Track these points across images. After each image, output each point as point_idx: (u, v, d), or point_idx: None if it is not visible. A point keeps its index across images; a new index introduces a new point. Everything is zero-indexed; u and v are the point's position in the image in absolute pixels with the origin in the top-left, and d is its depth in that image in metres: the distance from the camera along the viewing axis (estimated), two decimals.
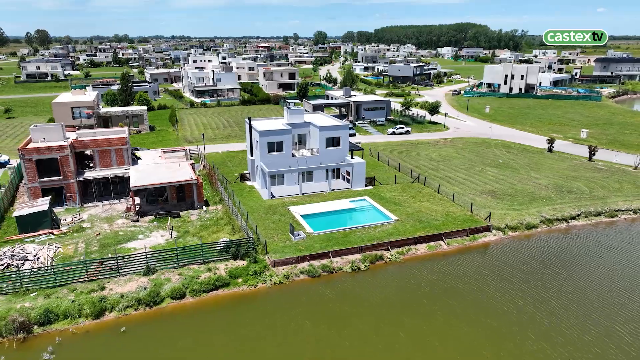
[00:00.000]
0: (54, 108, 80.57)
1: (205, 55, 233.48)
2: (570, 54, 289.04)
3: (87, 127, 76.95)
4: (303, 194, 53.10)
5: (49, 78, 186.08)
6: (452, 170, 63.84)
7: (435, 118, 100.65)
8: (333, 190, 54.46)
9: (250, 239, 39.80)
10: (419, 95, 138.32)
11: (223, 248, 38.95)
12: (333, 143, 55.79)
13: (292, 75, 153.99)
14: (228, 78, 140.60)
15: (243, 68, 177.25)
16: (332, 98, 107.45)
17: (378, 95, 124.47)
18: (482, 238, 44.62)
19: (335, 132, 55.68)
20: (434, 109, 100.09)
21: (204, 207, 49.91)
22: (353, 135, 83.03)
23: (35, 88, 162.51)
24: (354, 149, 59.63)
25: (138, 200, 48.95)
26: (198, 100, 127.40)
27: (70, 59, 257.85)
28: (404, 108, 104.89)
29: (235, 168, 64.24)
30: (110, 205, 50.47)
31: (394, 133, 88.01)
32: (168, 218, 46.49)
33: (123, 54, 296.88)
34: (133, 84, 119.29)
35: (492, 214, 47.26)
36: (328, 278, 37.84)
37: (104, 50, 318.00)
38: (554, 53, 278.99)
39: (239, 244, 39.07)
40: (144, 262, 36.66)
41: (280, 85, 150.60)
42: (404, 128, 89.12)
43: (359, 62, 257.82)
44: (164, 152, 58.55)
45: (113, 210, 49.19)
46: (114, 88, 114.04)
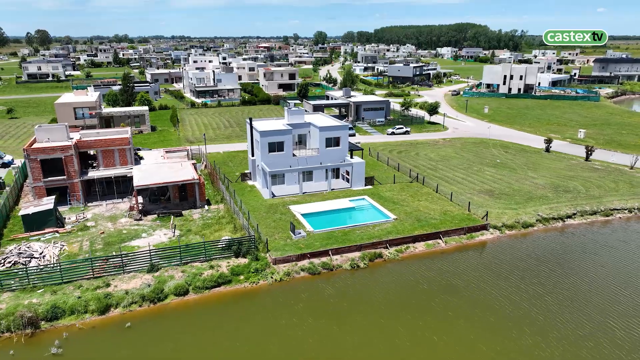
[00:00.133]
0: (57, 108, 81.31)
1: (206, 56, 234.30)
2: (570, 54, 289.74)
3: (89, 127, 77.73)
4: (303, 194, 53.89)
5: (50, 78, 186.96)
6: (450, 170, 64.64)
7: (435, 118, 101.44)
8: (333, 190, 55.26)
9: (252, 237, 40.58)
10: (419, 96, 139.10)
11: (225, 246, 39.73)
12: (333, 143, 56.56)
13: (292, 76, 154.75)
14: (228, 78, 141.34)
15: (243, 68, 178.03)
16: (332, 98, 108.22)
17: (377, 96, 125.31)
18: (479, 236, 45.41)
19: (335, 132, 56.47)
20: (433, 110, 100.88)
21: (206, 206, 50.70)
22: (353, 136, 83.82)
23: (37, 88, 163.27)
24: (354, 149, 60.44)
25: (141, 200, 49.71)
26: (199, 101, 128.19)
27: (71, 59, 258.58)
28: (404, 108, 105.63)
29: (237, 168, 65.04)
30: (114, 205, 51.26)
31: (394, 133, 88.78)
32: (171, 217, 47.29)
33: (124, 54, 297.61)
34: (134, 85, 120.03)
35: (489, 213, 48.05)
36: (328, 275, 38.63)
37: (105, 51, 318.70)
38: (554, 53, 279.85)
39: (241, 242, 39.86)
40: (148, 259, 37.45)
41: (281, 86, 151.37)
42: (403, 128, 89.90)
43: (359, 62, 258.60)
44: (166, 152, 59.36)
45: (116, 209, 49.97)
46: (116, 88, 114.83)
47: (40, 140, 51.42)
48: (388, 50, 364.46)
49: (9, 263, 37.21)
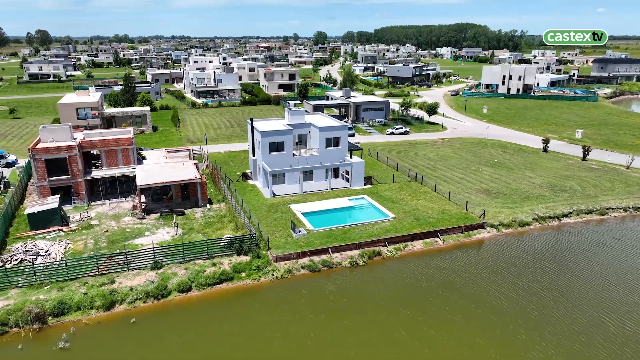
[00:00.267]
0: (60, 109, 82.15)
1: (206, 56, 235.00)
2: (569, 54, 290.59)
3: (92, 127, 78.53)
4: (304, 193, 54.70)
5: (52, 79, 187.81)
6: (448, 170, 65.45)
7: (434, 118, 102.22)
8: (333, 189, 56.06)
9: (253, 236, 41.38)
10: (418, 96, 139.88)
11: (227, 244, 40.54)
12: (333, 143, 57.35)
13: (292, 76, 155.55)
14: (229, 79, 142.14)
15: (244, 69, 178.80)
16: (332, 99, 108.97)
17: (377, 96, 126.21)
18: (476, 235, 46.22)
19: (335, 132, 57.26)
20: (432, 110, 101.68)
21: (208, 205, 51.50)
22: (352, 136, 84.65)
23: (38, 89, 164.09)
24: (353, 149, 61.25)
25: (144, 199, 50.50)
26: (199, 101, 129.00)
27: (72, 60, 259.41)
28: (403, 109, 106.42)
29: (238, 167, 65.85)
30: (117, 204, 52.05)
31: (393, 133, 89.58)
32: (173, 215, 48.10)
33: (124, 55, 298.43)
34: (135, 85, 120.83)
35: (486, 212, 48.84)
36: (328, 273, 39.44)
37: (105, 51, 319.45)
38: (553, 53, 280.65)
39: (242, 240, 40.66)
40: (152, 257, 38.26)
41: (281, 86, 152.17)
42: (403, 128, 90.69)
43: (359, 62, 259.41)
44: (168, 152, 60.12)
45: (119, 208, 50.76)
46: (117, 89, 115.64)
47: (45, 140, 52.23)
48: (388, 51, 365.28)
49: (16, 260, 38.03)
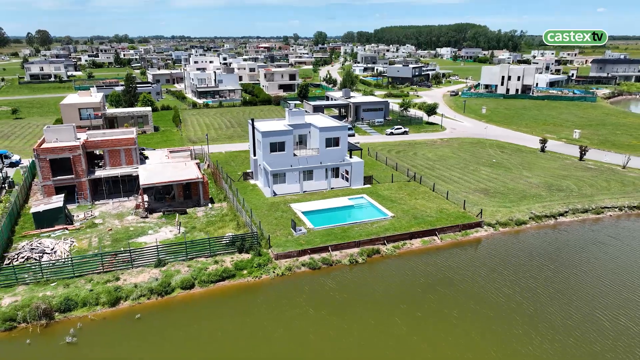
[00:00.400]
0: (62, 109, 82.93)
1: (206, 56, 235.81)
2: (569, 55, 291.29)
3: (94, 127, 79.29)
4: (304, 192, 55.51)
5: (53, 79, 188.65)
6: (447, 170, 66.26)
7: (433, 119, 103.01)
8: (332, 189, 56.87)
9: (254, 234, 42.19)
10: (417, 96, 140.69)
11: (229, 242, 41.36)
12: (333, 143, 58.16)
13: (292, 76, 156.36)
14: (229, 79, 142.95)
15: (244, 69, 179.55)
16: (331, 99, 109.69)
17: (377, 97, 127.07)
18: (473, 233, 47.02)
19: (335, 132, 58.06)
20: (432, 110, 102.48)
21: (210, 204, 52.31)
22: (352, 136, 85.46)
23: (40, 89, 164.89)
24: (353, 149, 62.05)
25: (147, 198, 51.31)
26: (200, 101, 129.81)
27: (73, 60, 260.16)
28: (402, 109, 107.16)
29: (239, 167, 66.64)
30: (120, 203, 52.85)
31: (392, 133, 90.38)
32: (176, 215, 48.91)
33: (124, 55, 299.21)
34: (137, 85, 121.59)
35: (483, 211, 49.66)
36: (328, 270, 40.25)
37: (106, 51, 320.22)
38: (552, 54, 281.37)
39: (244, 239, 41.47)
40: (156, 255, 39.07)
41: (281, 86, 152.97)
42: (402, 129, 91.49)
43: (359, 62, 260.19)
44: (170, 152, 60.88)
45: (123, 208, 51.56)
46: (118, 89, 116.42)
47: (49, 141, 53.01)
48: (388, 51, 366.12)
49: (22, 258, 38.84)
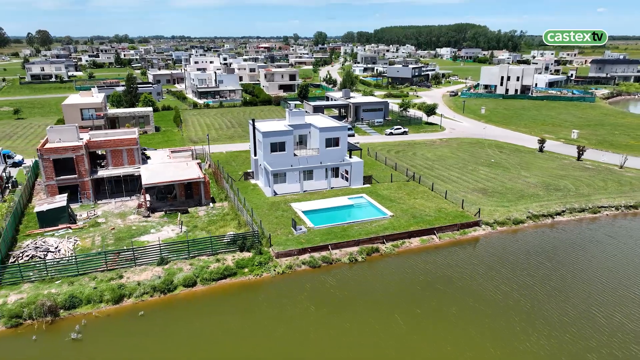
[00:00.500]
0: (64, 109, 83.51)
1: (207, 57, 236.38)
2: (569, 55, 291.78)
3: (96, 128, 79.88)
4: (304, 192, 56.11)
5: (53, 79, 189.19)
6: (446, 169, 66.86)
7: (432, 119, 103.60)
8: (332, 188, 57.47)
9: (255, 233, 42.80)
10: (417, 97, 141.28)
11: (230, 241, 41.99)
12: (332, 143, 58.75)
13: (292, 77, 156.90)
14: (230, 79, 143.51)
15: (244, 69, 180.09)
16: (331, 99, 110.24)
17: (376, 97, 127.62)
18: (471, 232, 47.62)
19: (335, 132, 58.66)
20: (431, 110, 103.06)
21: (211, 203, 52.90)
22: (352, 136, 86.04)
23: (41, 89, 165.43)
24: (353, 149, 62.66)
25: (149, 197, 51.89)
26: (201, 102, 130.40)
27: (73, 60, 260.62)
28: (402, 109, 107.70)
29: (239, 167, 67.23)
30: (122, 202, 53.44)
31: (392, 134, 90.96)
32: (177, 214, 49.51)
33: (125, 55, 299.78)
34: (137, 86, 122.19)
35: (481, 210, 50.26)
36: (328, 268, 40.86)
37: (106, 51, 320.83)
38: (552, 54, 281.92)
39: (245, 237, 42.09)
40: (158, 253, 39.67)
41: (281, 87, 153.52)
42: (402, 129, 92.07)
43: (359, 63, 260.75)
44: (172, 151, 61.48)
45: (125, 207, 52.15)
46: (119, 89, 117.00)
47: (52, 141, 53.59)
48: (388, 51, 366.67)
49: (27, 256, 39.43)
